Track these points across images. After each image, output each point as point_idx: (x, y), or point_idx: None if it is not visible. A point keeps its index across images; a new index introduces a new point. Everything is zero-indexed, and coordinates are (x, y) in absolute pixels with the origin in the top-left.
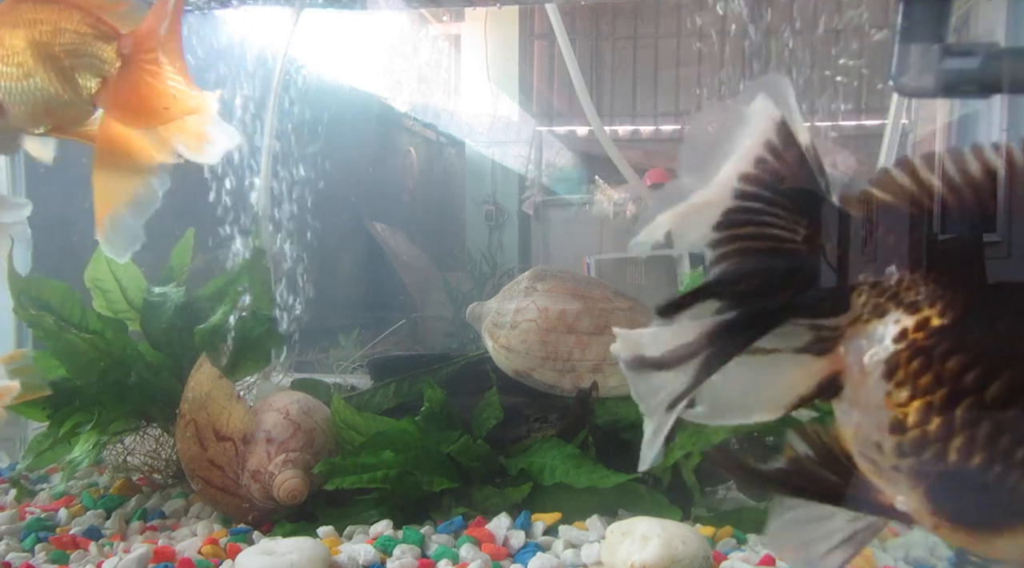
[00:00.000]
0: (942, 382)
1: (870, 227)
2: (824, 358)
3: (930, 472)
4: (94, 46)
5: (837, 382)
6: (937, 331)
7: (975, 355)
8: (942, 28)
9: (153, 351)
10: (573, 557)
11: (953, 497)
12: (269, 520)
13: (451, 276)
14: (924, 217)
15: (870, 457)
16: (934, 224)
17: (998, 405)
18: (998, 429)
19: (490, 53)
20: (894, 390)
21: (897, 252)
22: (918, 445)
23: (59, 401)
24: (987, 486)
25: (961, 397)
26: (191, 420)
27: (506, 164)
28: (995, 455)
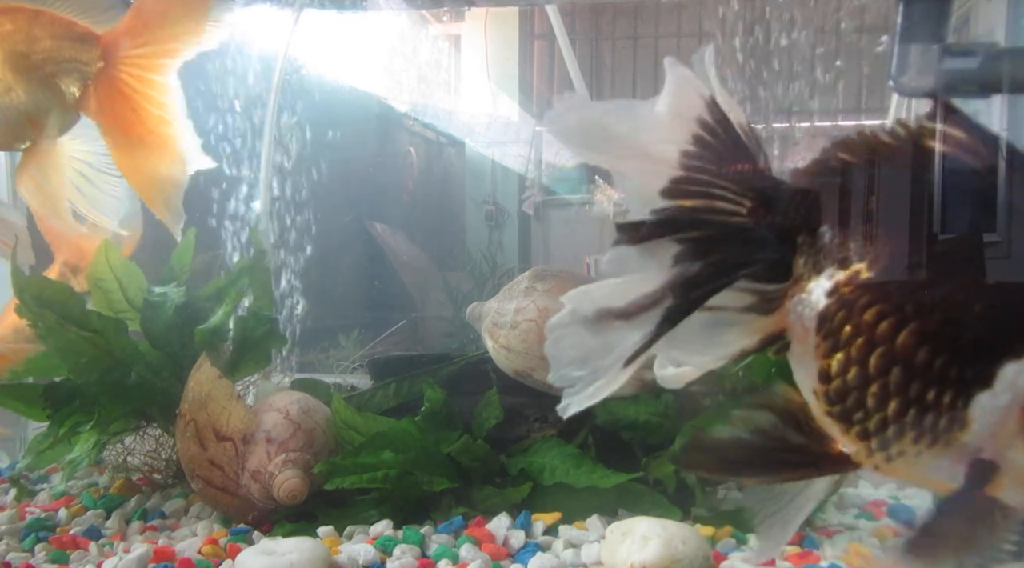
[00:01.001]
0: (859, 333)
1: (808, 193)
2: (769, 316)
3: (856, 418)
4: (72, 49)
5: (782, 338)
6: (862, 284)
7: (889, 306)
8: (942, 28)
9: (153, 351)
10: (573, 557)
11: (881, 439)
12: (269, 520)
13: (451, 276)
14: (856, 180)
15: (813, 406)
16: (865, 185)
17: (907, 353)
18: (909, 376)
19: (490, 53)
20: (821, 342)
21: (832, 212)
22: (841, 393)
23: (59, 401)
24: (906, 428)
25: (875, 346)
26: (191, 420)
27: (506, 164)
28: (908, 400)
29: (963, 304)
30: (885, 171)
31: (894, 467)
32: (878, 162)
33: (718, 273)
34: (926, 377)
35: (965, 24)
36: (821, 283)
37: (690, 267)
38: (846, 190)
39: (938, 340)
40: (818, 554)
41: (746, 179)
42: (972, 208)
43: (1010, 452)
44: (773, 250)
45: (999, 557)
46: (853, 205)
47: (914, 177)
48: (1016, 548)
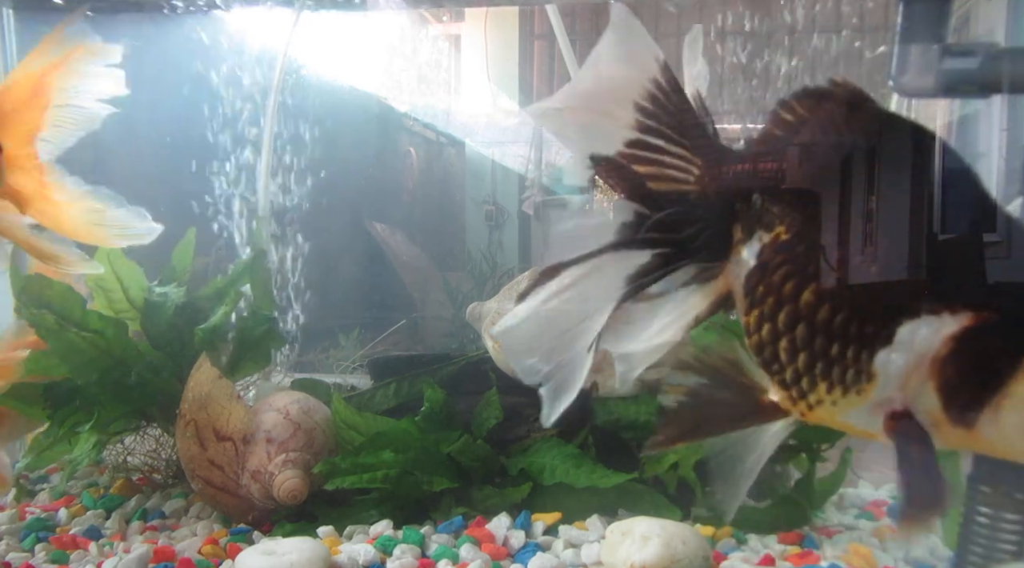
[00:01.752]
0: (770, 292)
1: (746, 160)
2: (712, 283)
3: (775, 369)
4: None
5: (729, 299)
6: (777, 246)
7: (795, 267)
8: (942, 28)
9: (153, 351)
10: (573, 557)
11: (798, 389)
12: (269, 520)
13: (451, 276)
14: (784, 148)
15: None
16: (797, 150)
17: (810, 312)
18: (812, 332)
19: (490, 53)
20: (744, 301)
21: (761, 179)
22: (759, 347)
23: (59, 401)
24: (817, 379)
25: (783, 305)
26: (191, 420)
27: (506, 164)
28: (814, 354)
29: (863, 266)
30: (813, 135)
31: (817, 415)
32: (809, 126)
33: (666, 261)
34: (828, 333)
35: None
36: (752, 246)
37: (642, 258)
38: (779, 155)
39: (839, 300)
40: (818, 554)
41: (696, 144)
42: (892, 173)
43: (919, 401)
44: (717, 222)
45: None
46: (783, 170)
47: (836, 142)
48: (1016, 548)
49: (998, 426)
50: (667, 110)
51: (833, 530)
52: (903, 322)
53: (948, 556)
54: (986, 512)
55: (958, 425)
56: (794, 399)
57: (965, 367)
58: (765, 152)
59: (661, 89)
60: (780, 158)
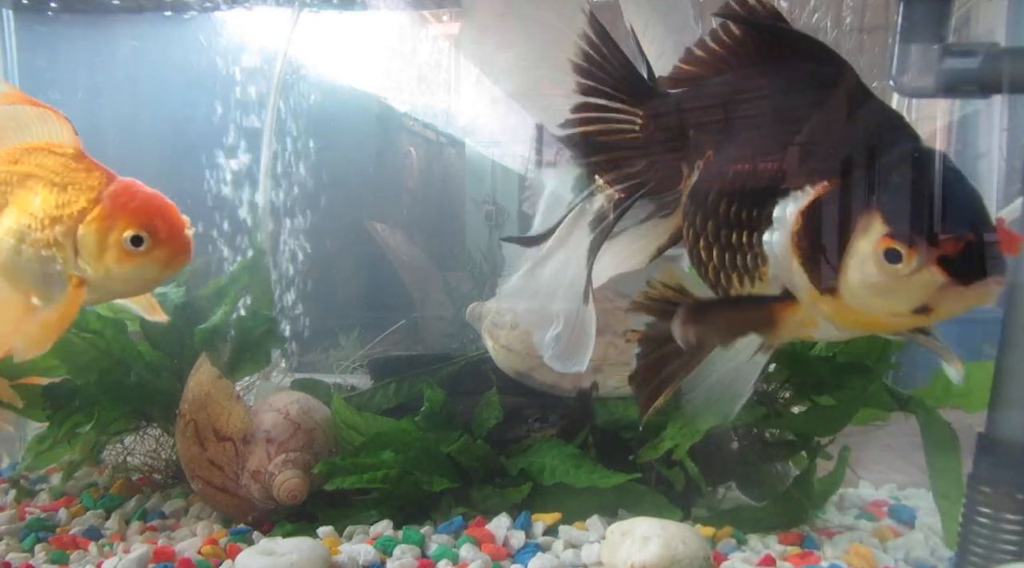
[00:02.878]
0: (692, 202)
1: (687, 98)
2: (671, 217)
3: (703, 272)
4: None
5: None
6: (703, 166)
7: (709, 176)
8: (942, 28)
9: (153, 351)
10: (573, 557)
11: (722, 287)
12: (269, 520)
13: (451, 276)
14: (711, 84)
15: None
16: (725, 82)
17: (715, 208)
18: (718, 225)
19: None
20: (684, 222)
21: (693, 116)
22: (694, 258)
23: (59, 401)
24: (729, 271)
25: (707, 214)
26: (191, 420)
27: (506, 164)
28: (722, 246)
29: (754, 160)
30: (724, 68)
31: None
32: (728, 59)
33: (625, 197)
34: (728, 223)
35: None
36: (694, 174)
37: (600, 201)
38: (703, 93)
39: (732, 193)
40: (818, 554)
41: (635, 94)
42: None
43: (794, 279)
44: (663, 161)
45: (999, 557)
46: (707, 105)
47: (747, 73)
48: (1016, 548)
49: (850, 285)
50: (603, 66)
51: (833, 530)
52: (776, 202)
53: (948, 556)
54: (986, 512)
55: (825, 294)
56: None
57: (814, 235)
58: (694, 92)
59: (592, 44)
60: (704, 95)
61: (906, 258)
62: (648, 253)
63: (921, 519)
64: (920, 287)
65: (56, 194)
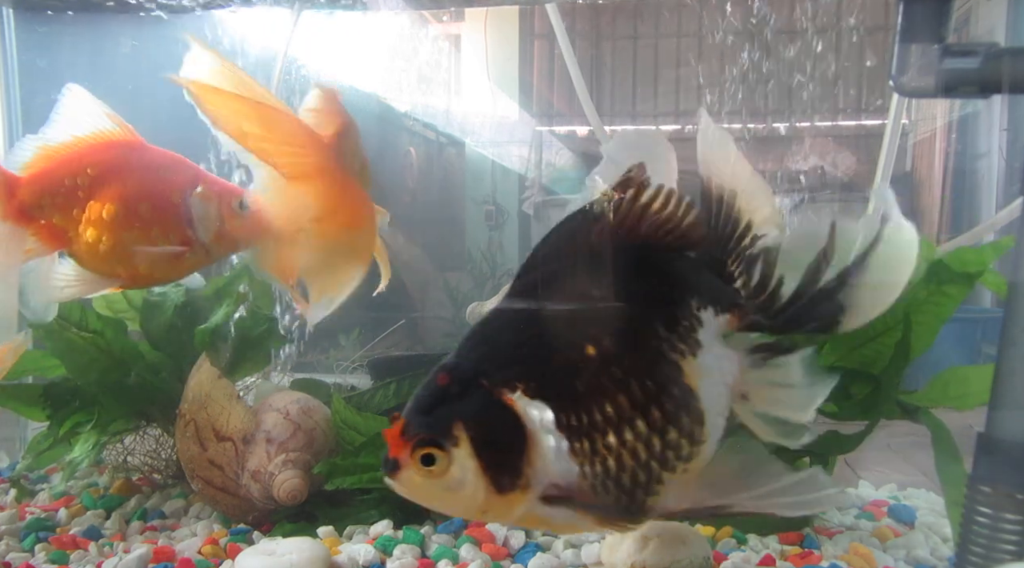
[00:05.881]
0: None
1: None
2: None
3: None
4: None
5: None
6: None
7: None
8: (942, 28)
9: (153, 351)
10: (573, 557)
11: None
12: (269, 520)
13: (451, 276)
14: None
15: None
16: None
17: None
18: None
19: (490, 53)
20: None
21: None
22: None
23: (59, 401)
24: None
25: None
26: (191, 420)
27: (506, 164)
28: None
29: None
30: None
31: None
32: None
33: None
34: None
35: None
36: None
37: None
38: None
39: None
40: (818, 554)
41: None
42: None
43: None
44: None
45: (999, 557)
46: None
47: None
48: (1016, 548)
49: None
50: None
51: (833, 530)
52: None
53: (948, 556)
54: (986, 512)
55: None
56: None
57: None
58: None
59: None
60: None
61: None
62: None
63: (921, 519)
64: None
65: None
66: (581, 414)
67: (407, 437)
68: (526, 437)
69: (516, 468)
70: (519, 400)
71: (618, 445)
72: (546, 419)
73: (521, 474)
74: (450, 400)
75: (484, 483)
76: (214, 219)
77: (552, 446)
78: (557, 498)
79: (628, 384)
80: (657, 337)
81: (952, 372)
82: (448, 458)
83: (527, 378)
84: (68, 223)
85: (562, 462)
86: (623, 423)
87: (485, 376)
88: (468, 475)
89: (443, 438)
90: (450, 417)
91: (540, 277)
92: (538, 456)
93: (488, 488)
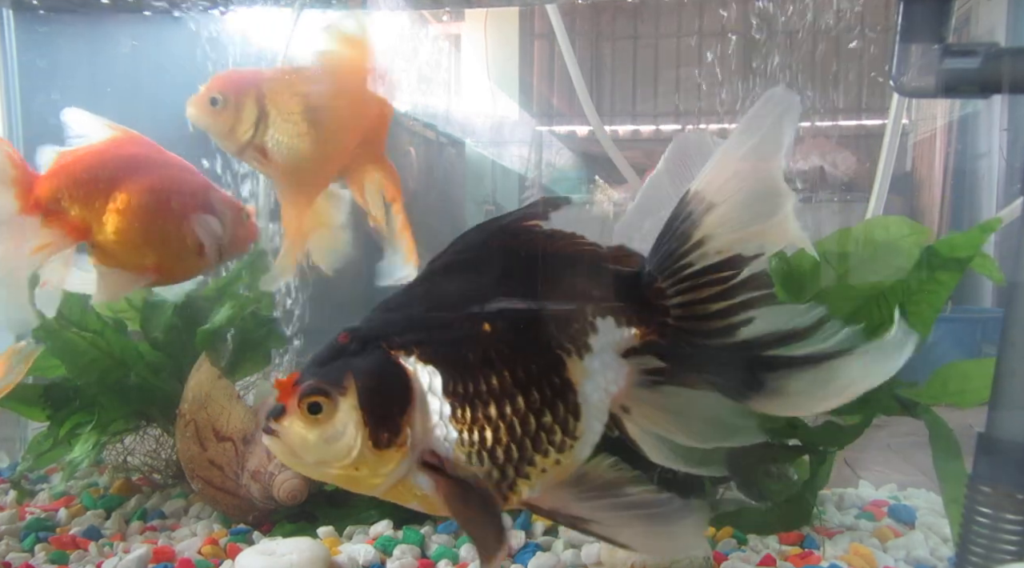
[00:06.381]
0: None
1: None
2: None
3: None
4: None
5: None
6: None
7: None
8: (942, 28)
9: (153, 351)
10: (573, 557)
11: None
12: (269, 520)
13: None
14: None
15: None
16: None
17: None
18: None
19: (490, 53)
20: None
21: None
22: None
23: (59, 401)
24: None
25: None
26: (191, 420)
27: (506, 164)
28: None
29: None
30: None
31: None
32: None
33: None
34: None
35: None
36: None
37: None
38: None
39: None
40: (819, 554)
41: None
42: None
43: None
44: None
45: (999, 557)
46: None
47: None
48: (1016, 548)
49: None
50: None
51: (833, 530)
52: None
53: (949, 556)
54: (986, 512)
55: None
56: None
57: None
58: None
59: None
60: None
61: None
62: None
63: (921, 519)
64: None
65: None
66: (468, 383)
67: (298, 385)
68: (412, 397)
69: (396, 425)
70: (412, 363)
71: (497, 417)
72: (434, 383)
73: (400, 431)
74: (346, 355)
75: (363, 436)
76: (229, 224)
77: (436, 409)
78: (431, 467)
79: (514, 364)
80: (548, 332)
81: (952, 367)
82: (334, 406)
83: (423, 344)
84: (90, 214)
85: (443, 427)
86: (504, 397)
87: (384, 339)
88: (349, 426)
89: (332, 387)
90: (343, 369)
91: (452, 260)
92: (420, 417)
93: (366, 441)
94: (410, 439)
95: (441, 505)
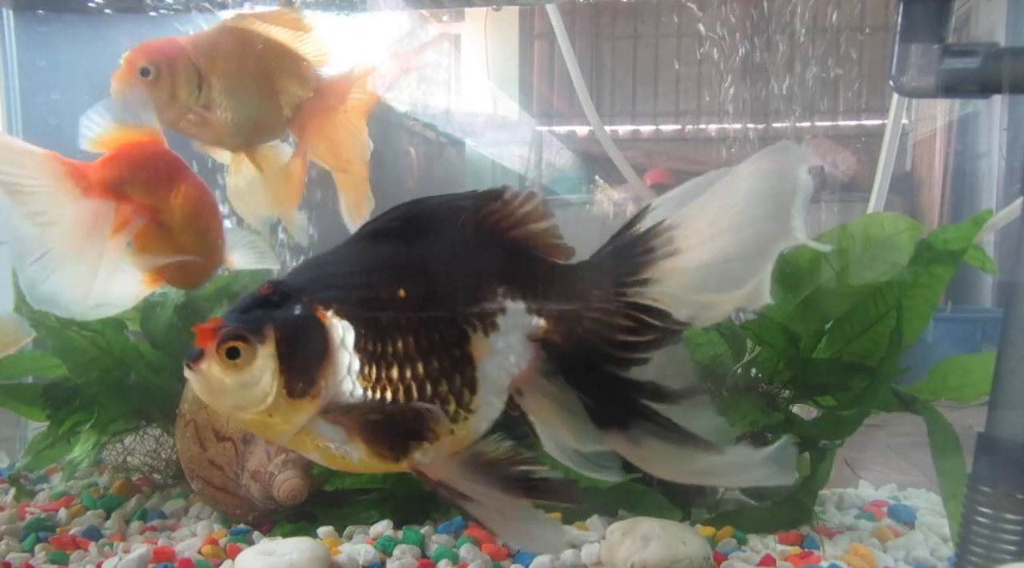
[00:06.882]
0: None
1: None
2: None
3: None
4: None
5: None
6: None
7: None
8: (942, 28)
9: (153, 351)
10: (573, 557)
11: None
12: (269, 520)
13: None
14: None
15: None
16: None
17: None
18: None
19: (490, 53)
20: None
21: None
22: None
23: (59, 400)
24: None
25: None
26: (191, 420)
27: (506, 164)
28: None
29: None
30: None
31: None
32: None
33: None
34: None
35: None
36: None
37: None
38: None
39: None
40: (818, 554)
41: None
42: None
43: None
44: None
45: (999, 557)
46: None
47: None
48: (1016, 548)
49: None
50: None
51: (833, 530)
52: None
53: (949, 556)
54: (986, 512)
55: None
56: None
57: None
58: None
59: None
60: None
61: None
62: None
63: (921, 519)
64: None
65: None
66: (377, 343)
67: (218, 330)
68: (327, 350)
69: (312, 376)
70: (330, 317)
71: (398, 379)
72: (348, 339)
73: (315, 383)
74: (268, 305)
75: (279, 384)
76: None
77: (346, 363)
78: (337, 416)
79: (421, 332)
80: (457, 305)
81: (951, 362)
82: (252, 353)
83: (341, 300)
84: (155, 200)
85: (349, 382)
86: (407, 361)
87: (306, 292)
88: (266, 375)
89: (252, 334)
90: (264, 318)
91: (382, 226)
92: (332, 370)
93: (280, 390)
94: (322, 390)
95: (340, 460)
